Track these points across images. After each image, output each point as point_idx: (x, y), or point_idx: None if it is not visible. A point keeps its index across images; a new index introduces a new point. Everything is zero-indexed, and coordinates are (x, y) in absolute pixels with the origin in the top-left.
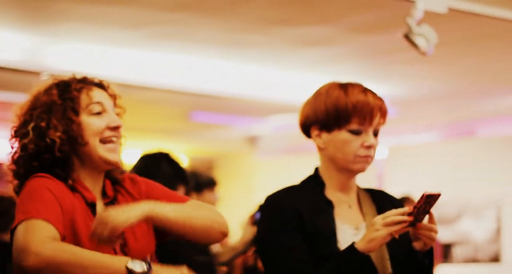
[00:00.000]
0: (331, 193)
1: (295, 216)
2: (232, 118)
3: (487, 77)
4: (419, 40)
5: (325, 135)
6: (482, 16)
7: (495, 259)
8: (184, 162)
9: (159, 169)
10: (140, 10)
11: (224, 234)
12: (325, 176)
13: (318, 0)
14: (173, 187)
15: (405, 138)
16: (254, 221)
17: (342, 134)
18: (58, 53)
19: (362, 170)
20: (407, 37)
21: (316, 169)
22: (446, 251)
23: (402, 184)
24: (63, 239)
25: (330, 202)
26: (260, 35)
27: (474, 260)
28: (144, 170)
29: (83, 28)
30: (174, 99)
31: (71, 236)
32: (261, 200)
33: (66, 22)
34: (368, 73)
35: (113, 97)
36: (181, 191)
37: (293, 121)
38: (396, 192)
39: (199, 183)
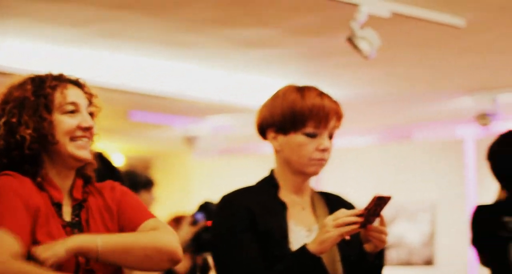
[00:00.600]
0: (285, 194)
1: (248, 216)
2: (170, 118)
3: (426, 82)
4: (362, 44)
5: (281, 138)
6: (425, 21)
7: (429, 262)
8: (121, 161)
9: None
10: (84, 8)
11: (174, 262)
12: (280, 178)
13: (261, 2)
14: None
15: (344, 140)
16: (193, 221)
17: (297, 137)
18: (2, 51)
19: (316, 173)
20: (350, 40)
21: (272, 171)
22: None
23: (339, 186)
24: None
25: (283, 204)
26: (202, 36)
27: (408, 263)
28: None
29: (26, 25)
30: (113, 98)
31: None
32: (198, 200)
33: (8, 19)
34: (310, 76)
35: (89, 95)
36: None
37: (232, 122)
38: (341, 195)
39: (135, 182)
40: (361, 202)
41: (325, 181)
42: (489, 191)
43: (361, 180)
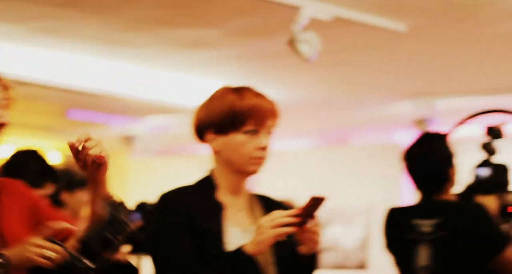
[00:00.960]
0: (222, 195)
1: (186, 215)
2: (108, 117)
3: (366, 86)
4: (302, 47)
5: (220, 138)
6: (366, 25)
7: (362, 266)
8: (58, 159)
9: (27, 165)
10: (24, 5)
11: None
12: (218, 178)
13: (202, 3)
14: (40, 184)
15: (281, 143)
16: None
17: (237, 137)
18: None
19: (255, 172)
20: (291, 43)
21: (210, 171)
22: None
23: (276, 189)
24: None
25: (220, 204)
26: (143, 35)
27: (342, 267)
28: (12, 166)
29: None
30: (51, 95)
31: None
32: (135, 200)
33: None
34: (250, 77)
35: (3, 87)
36: (49, 189)
37: (170, 122)
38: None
39: (71, 181)
40: (298, 204)
41: (263, 183)
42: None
43: (298, 183)
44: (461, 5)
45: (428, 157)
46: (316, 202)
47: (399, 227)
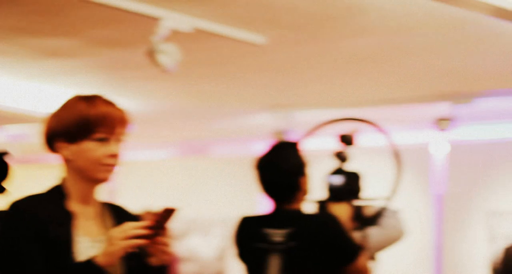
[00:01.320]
0: (73, 204)
1: (34, 224)
2: None
3: (225, 98)
4: (162, 58)
5: (71, 146)
6: (226, 37)
7: None
8: None
9: None
10: None
11: None
12: (69, 187)
13: (61, 12)
14: None
15: (140, 153)
16: None
17: (88, 145)
18: None
19: (106, 179)
20: (150, 54)
21: (61, 180)
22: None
23: (134, 199)
24: None
25: (70, 213)
26: None
27: None
28: None
29: None
30: None
31: None
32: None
33: None
34: (109, 87)
35: None
36: None
37: (26, 131)
38: (128, 207)
39: None
40: (153, 214)
41: (122, 193)
42: None
43: (157, 193)
44: (319, 20)
45: (278, 166)
46: (167, 214)
47: (250, 236)
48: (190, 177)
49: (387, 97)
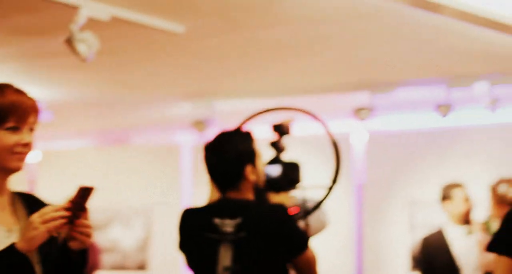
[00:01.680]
0: None
1: None
2: None
3: (145, 87)
4: (80, 47)
5: None
6: (145, 26)
7: (142, 267)
8: None
9: None
10: None
11: None
12: None
13: None
14: None
15: (59, 142)
16: None
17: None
18: None
19: (19, 168)
20: (69, 42)
21: None
22: None
23: (54, 189)
24: None
25: None
26: None
27: (122, 268)
28: None
29: None
30: None
31: None
32: None
33: None
34: (26, 76)
35: None
36: None
37: None
38: (47, 197)
39: None
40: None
41: (42, 184)
42: (205, 196)
43: (77, 183)
44: (238, 8)
45: (222, 154)
46: (85, 193)
47: (200, 227)
48: (110, 166)
49: (306, 86)
